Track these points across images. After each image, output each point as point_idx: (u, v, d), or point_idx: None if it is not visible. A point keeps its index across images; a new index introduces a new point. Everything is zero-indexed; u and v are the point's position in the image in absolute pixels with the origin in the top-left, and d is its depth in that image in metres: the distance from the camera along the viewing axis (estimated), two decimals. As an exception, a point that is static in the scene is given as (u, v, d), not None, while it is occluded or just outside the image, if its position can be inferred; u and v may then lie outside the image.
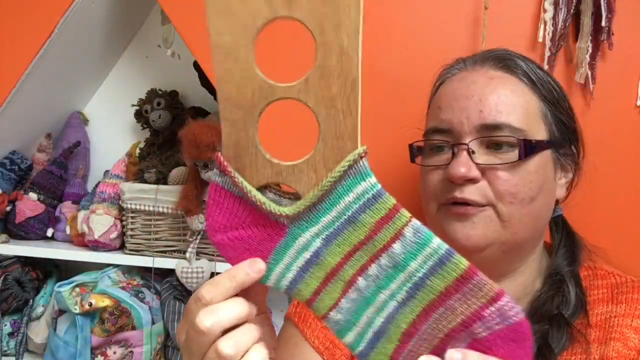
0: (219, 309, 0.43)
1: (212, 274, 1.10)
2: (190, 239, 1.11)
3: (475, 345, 0.39)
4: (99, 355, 1.09)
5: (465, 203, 0.61)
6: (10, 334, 1.20)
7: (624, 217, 0.88)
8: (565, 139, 0.66)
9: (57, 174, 1.30)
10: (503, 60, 0.66)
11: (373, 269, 0.41)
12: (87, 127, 1.40)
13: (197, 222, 1.07)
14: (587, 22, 0.86)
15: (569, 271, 0.66)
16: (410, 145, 0.69)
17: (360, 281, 0.42)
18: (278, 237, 0.44)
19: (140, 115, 1.28)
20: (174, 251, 1.15)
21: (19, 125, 1.25)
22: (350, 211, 0.41)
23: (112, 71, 1.39)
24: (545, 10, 0.87)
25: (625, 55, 0.87)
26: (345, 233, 0.42)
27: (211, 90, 1.23)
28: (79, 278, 1.15)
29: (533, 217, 0.62)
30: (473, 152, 0.61)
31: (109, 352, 1.09)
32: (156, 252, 1.15)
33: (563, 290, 0.64)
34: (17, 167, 1.28)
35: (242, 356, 0.42)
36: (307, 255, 0.43)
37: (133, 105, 1.29)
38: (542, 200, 0.63)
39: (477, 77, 0.65)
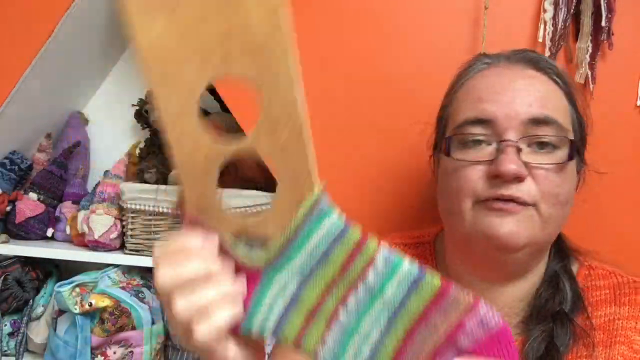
0: (176, 263, 0.42)
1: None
2: (190, 239, 1.10)
3: (464, 356, 0.40)
4: (99, 355, 1.09)
5: (510, 200, 0.59)
6: (10, 334, 1.20)
7: (624, 217, 0.88)
8: (582, 142, 0.67)
9: (57, 174, 1.30)
10: (537, 62, 0.65)
11: (352, 300, 0.42)
12: (87, 127, 1.40)
13: (197, 222, 1.07)
14: (587, 22, 0.86)
15: (562, 267, 0.66)
16: (449, 138, 0.65)
17: (342, 314, 0.43)
18: (256, 279, 0.45)
19: (140, 115, 1.28)
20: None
21: (19, 125, 1.25)
22: (320, 250, 0.43)
23: (112, 71, 1.39)
24: (545, 10, 0.87)
25: (625, 55, 0.87)
26: (320, 271, 0.43)
27: (211, 90, 1.23)
28: (79, 278, 1.15)
29: (563, 219, 0.62)
30: (520, 149, 0.59)
31: (109, 352, 1.09)
32: (156, 252, 1.15)
33: (559, 286, 0.64)
34: (17, 167, 1.28)
35: (204, 316, 0.42)
36: (286, 298, 0.44)
37: (133, 105, 1.29)
38: (571, 202, 0.63)
39: (516, 73, 0.64)
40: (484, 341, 0.39)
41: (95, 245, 1.16)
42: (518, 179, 0.59)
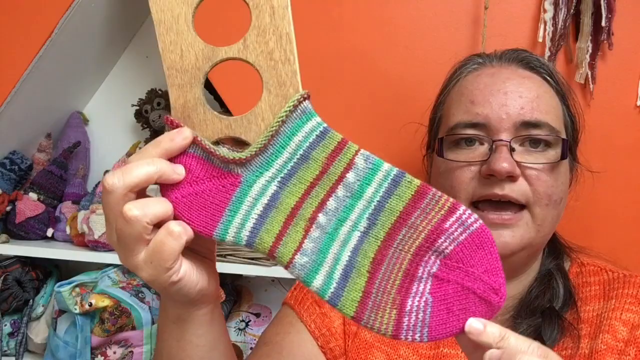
0: (126, 168, 0.42)
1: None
2: (190, 239, 1.10)
3: (447, 264, 0.40)
4: (99, 355, 1.09)
5: (501, 207, 0.59)
6: (10, 334, 1.20)
7: (624, 217, 0.88)
8: (574, 141, 0.67)
9: (57, 174, 1.30)
10: (531, 61, 0.66)
11: (331, 203, 0.42)
12: (87, 127, 1.40)
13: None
14: (587, 22, 0.86)
15: (555, 265, 0.67)
16: (441, 139, 0.66)
17: (321, 217, 0.42)
18: (233, 187, 0.44)
19: (140, 115, 1.28)
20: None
21: (19, 125, 1.25)
22: (302, 150, 0.43)
23: (112, 71, 1.39)
24: (545, 10, 0.87)
25: (625, 55, 0.87)
26: (300, 172, 0.43)
27: (211, 90, 1.23)
28: (79, 278, 1.15)
29: (557, 218, 0.63)
30: (513, 149, 0.60)
31: (109, 352, 1.09)
32: (156, 252, 1.15)
33: (552, 284, 0.64)
34: (17, 167, 1.28)
35: (154, 223, 0.41)
36: (264, 200, 0.43)
37: (133, 105, 1.29)
38: (564, 201, 0.64)
39: (509, 74, 0.64)
40: (465, 242, 0.39)
41: (95, 245, 1.16)
42: (511, 177, 0.59)
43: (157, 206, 0.42)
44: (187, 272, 0.44)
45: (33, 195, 1.26)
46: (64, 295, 1.08)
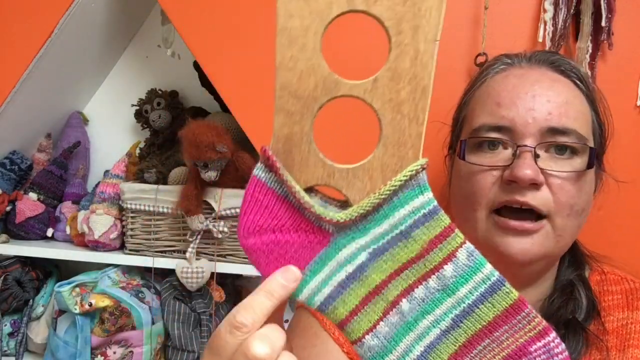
0: (269, 335, 0.37)
1: (212, 274, 1.10)
2: (190, 239, 1.11)
3: None
4: (99, 355, 1.09)
5: (522, 215, 0.58)
6: (10, 334, 1.20)
7: (625, 218, 0.88)
8: (601, 148, 0.65)
9: (57, 174, 1.30)
10: (559, 64, 0.63)
11: (420, 291, 0.38)
12: (87, 127, 1.40)
13: (197, 222, 1.07)
14: (587, 22, 0.86)
15: (577, 275, 0.65)
16: (463, 141, 0.63)
17: (404, 303, 0.39)
18: (320, 245, 0.40)
19: (140, 115, 1.28)
20: (174, 251, 1.15)
21: (19, 125, 1.25)
22: (404, 225, 0.38)
23: (112, 71, 1.39)
24: (545, 10, 0.87)
25: (625, 55, 0.87)
26: (395, 249, 0.39)
27: (211, 90, 1.23)
28: (79, 278, 1.15)
29: (578, 228, 0.61)
30: (538, 155, 0.58)
31: (109, 352, 1.09)
32: (156, 252, 1.15)
33: (574, 294, 0.63)
34: (17, 167, 1.28)
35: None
36: (349, 268, 0.39)
37: (133, 105, 1.29)
38: (587, 211, 0.62)
39: (538, 76, 0.61)
40: None
41: (95, 245, 1.16)
42: (534, 185, 0.57)
43: (282, 342, 0.38)
44: None
45: (33, 195, 1.26)
46: (64, 295, 1.08)
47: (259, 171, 0.40)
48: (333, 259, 0.40)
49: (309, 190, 0.40)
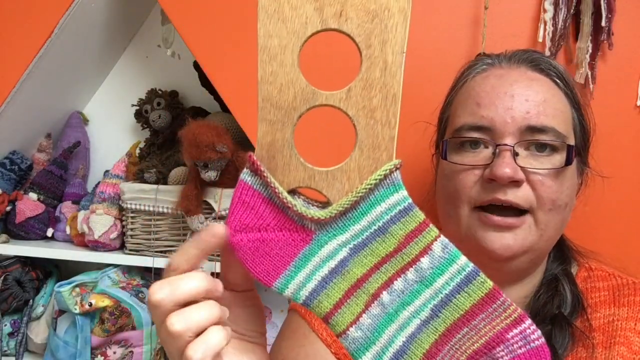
0: (173, 281, 0.41)
1: (213, 274, 1.10)
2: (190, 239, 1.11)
3: None
4: (99, 355, 1.09)
5: (505, 212, 0.59)
6: (10, 334, 1.20)
7: (624, 218, 0.88)
8: (584, 145, 0.66)
9: (57, 174, 1.30)
10: (541, 63, 0.64)
11: (399, 283, 0.41)
12: (87, 127, 1.40)
13: (197, 222, 1.07)
14: (587, 22, 0.86)
15: (562, 270, 0.66)
16: (445, 141, 0.65)
17: (385, 295, 0.41)
18: (303, 243, 0.42)
19: (140, 115, 1.28)
20: (174, 251, 1.14)
21: (19, 125, 1.25)
22: (381, 221, 0.41)
23: (112, 71, 1.39)
24: (545, 10, 0.87)
25: (625, 55, 0.87)
26: (374, 244, 0.41)
27: (211, 90, 1.23)
28: (79, 278, 1.15)
29: (562, 223, 0.62)
30: (517, 154, 0.59)
31: (109, 352, 1.09)
32: (156, 252, 1.15)
33: (559, 289, 0.64)
34: (17, 167, 1.28)
35: (197, 335, 0.40)
36: (332, 264, 0.41)
37: (133, 105, 1.29)
38: (570, 206, 0.63)
39: (517, 76, 0.63)
40: (521, 355, 0.38)
41: (95, 245, 1.17)
42: (514, 183, 0.58)
43: (201, 315, 0.40)
44: None
45: (33, 195, 1.26)
46: (64, 295, 1.08)
47: (245, 175, 0.43)
48: (316, 255, 0.42)
49: (292, 192, 0.43)
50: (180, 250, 0.43)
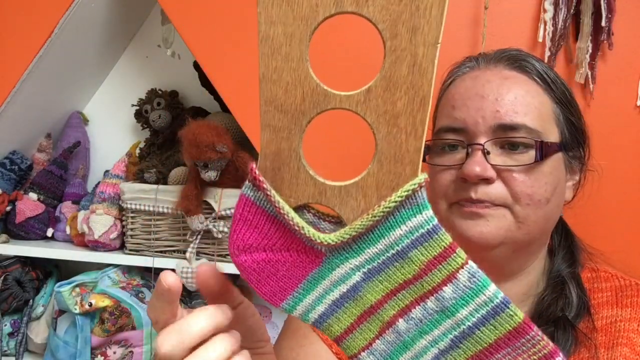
0: (178, 327, 0.38)
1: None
2: (190, 239, 1.11)
3: None
4: (99, 355, 1.09)
5: (479, 201, 0.60)
6: (10, 334, 1.20)
7: (624, 217, 0.88)
8: (574, 141, 0.66)
9: (57, 174, 1.30)
10: (517, 61, 0.65)
11: (417, 312, 0.37)
12: (87, 127, 1.40)
13: (197, 222, 1.07)
14: (587, 22, 0.86)
15: (570, 272, 0.66)
16: (427, 145, 0.65)
17: (401, 323, 0.37)
18: (312, 265, 0.39)
19: (140, 115, 1.28)
20: (174, 251, 1.15)
21: (19, 125, 1.25)
22: (400, 246, 0.36)
23: (112, 71, 1.39)
24: (545, 10, 0.87)
25: (625, 55, 0.87)
26: (391, 269, 0.37)
27: (211, 90, 1.23)
28: (79, 278, 1.15)
29: (546, 218, 0.62)
30: (488, 152, 0.60)
31: (109, 352, 1.09)
32: (156, 252, 1.15)
33: (565, 292, 0.64)
34: (17, 167, 1.28)
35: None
36: (343, 288, 0.38)
37: (133, 105, 1.29)
38: (555, 202, 0.63)
39: (490, 76, 0.64)
40: None
41: (95, 245, 1.17)
42: (485, 180, 0.60)
43: (218, 352, 0.37)
44: None
45: (33, 195, 1.26)
46: (64, 295, 1.08)
47: (247, 190, 0.39)
48: (326, 278, 0.38)
49: (301, 207, 0.38)
50: (149, 305, 0.40)
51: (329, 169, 0.41)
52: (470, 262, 0.36)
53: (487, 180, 0.60)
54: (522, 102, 0.61)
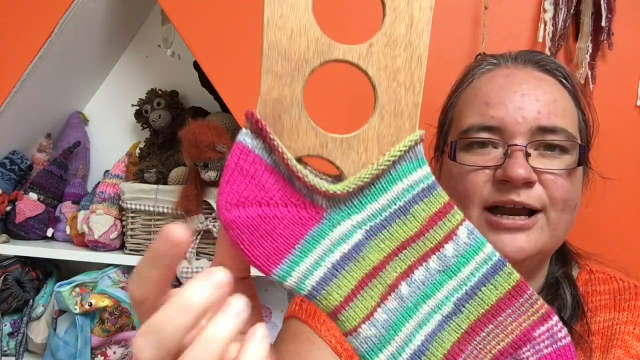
0: (154, 325, 0.30)
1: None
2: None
3: None
4: (99, 355, 1.09)
5: (515, 213, 0.58)
6: (10, 334, 1.20)
7: (624, 217, 0.88)
8: (587, 145, 0.66)
9: (57, 174, 1.30)
10: (546, 63, 0.64)
11: (420, 273, 0.35)
12: (87, 127, 1.40)
13: (197, 222, 1.07)
14: (587, 22, 0.86)
15: (563, 273, 0.66)
16: (453, 142, 0.63)
17: (404, 287, 0.35)
18: (312, 222, 0.36)
19: (140, 115, 1.28)
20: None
21: (19, 125, 1.25)
22: (402, 200, 0.35)
23: (112, 71, 1.39)
24: (545, 10, 0.87)
25: (625, 55, 0.87)
26: (393, 226, 0.35)
27: (211, 90, 1.23)
28: (79, 278, 1.15)
29: (571, 223, 0.62)
30: (529, 154, 0.58)
31: (109, 352, 1.09)
32: (156, 252, 1.15)
33: (560, 292, 0.63)
34: (17, 167, 1.28)
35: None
36: (344, 248, 0.35)
37: (133, 105, 1.29)
38: (578, 207, 0.63)
39: (524, 76, 0.62)
40: (547, 356, 0.34)
41: (95, 245, 1.17)
42: (528, 184, 0.58)
43: (178, 330, 0.29)
44: None
45: (33, 195, 1.26)
46: (64, 295, 1.08)
47: (244, 137, 0.36)
48: (326, 237, 0.35)
49: (298, 162, 0.36)
50: (135, 276, 0.33)
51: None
52: (467, 220, 0.36)
53: (529, 184, 0.58)
54: (560, 106, 0.60)
